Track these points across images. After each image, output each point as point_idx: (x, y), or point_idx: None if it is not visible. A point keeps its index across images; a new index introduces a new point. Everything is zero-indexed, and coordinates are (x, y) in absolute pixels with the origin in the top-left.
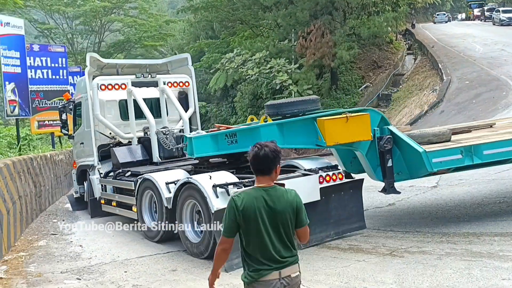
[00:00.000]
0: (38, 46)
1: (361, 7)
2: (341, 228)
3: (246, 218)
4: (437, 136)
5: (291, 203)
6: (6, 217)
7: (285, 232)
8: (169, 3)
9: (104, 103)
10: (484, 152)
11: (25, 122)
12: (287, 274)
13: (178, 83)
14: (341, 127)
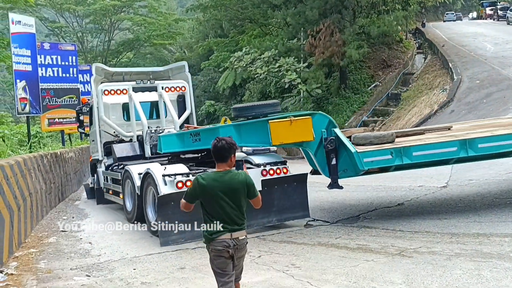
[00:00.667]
0: (48, 45)
1: (371, 6)
2: (283, 215)
3: (207, 193)
4: (378, 138)
5: (243, 182)
6: (16, 214)
7: (238, 205)
8: (178, 2)
9: (108, 106)
10: (413, 153)
11: (35, 119)
12: (236, 236)
13: (175, 88)
14: (285, 129)
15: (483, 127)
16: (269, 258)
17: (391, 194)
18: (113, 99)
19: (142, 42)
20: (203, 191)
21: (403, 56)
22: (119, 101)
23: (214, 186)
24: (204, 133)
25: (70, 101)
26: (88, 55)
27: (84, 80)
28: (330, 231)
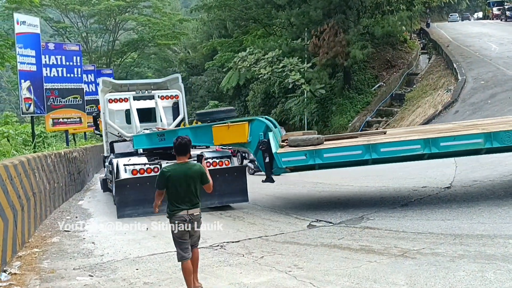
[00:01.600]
0: (53, 45)
1: (375, 6)
2: (224, 199)
3: (170, 180)
4: (304, 141)
5: (197, 171)
6: (20, 214)
7: (193, 188)
8: (182, 2)
9: (114, 111)
10: (324, 155)
11: (40, 119)
12: (191, 213)
13: (169, 96)
14: (224, 133)
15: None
16: (272, 259)
17: (394, 195)
18: (117, 106)
19: (147, 42)
20: (167, 179)
21: (408, 57)
22: (122, 107)
23: (175, 175)
24: (168, 134)
25: (75, 101)
26: (92, 55)
27: (89, 80)
28: (333, 232)
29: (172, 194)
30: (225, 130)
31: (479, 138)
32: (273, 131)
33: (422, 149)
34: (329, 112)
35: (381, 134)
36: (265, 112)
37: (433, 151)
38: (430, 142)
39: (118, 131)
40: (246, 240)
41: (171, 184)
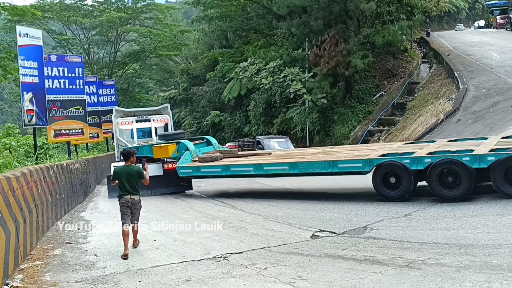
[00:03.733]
0: (55, 57)
1: (376, 16)
2: (175, 188)
3: (119, 176)
4: (210, 157)
5: (136, 171)
6: (22, 226)
7: (133, 181)
8: (183, 13)
9: (122, 131)
10: (201, 170)
11: (42, 131)
12: (132, 198)
13: (161, 120)
14: (157, 150)
15: (289, 155)
16: (276, 270)
17: (398, 204)
18: (125, 127)
19: (148, 53)
20: (118, 174)
21: (408, 66)
22: (128, 128)
23: (122, 172)
24: (140, 148)
25: (77, 112)
26: (94, 67)
27: (91, 92)
28: (336, 242)
29: (120, 184)
30: (158, 148)
31: (286, 165)
32: (190, 151)
33: (288, 170)
34: (330, 121)
35: (266, 155)
36: (266, 121)
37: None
38: (294, 164)
39: (125, 144)
40: (249, 251)
41: (120, 178)
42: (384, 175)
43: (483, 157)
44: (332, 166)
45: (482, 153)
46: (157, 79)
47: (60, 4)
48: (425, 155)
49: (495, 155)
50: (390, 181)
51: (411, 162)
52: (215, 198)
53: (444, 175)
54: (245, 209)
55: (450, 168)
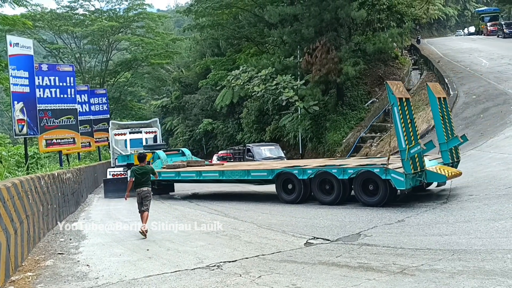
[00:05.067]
0: (46, 66)
1: (366, 23)
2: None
3: (135, 174)
4: (174, 166)
5: (150, 168)
6: (13, 237)
7: (146, 178)
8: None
9: (118, 140)
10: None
11: (33, 140)
12: (144, 189)
13: (151, 132)
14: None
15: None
16: (270, 278)
17: (390, 210)
18: (119, 138)
19: (140, 61)
20: (135, 172)
21: (399, 72)
22: (122, 138)
23: (138, 171)
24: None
25: (68, 121)
26: (86, 76)
27: (82, 101)
28: (330, 249)
29: (136, 180)
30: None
31: (216, 173)
32: (161, 159)
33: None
34: (323, 128)
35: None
36: (259, 129)
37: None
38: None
39: (120, 152)
40: (243, 260)
41: (135, 176)
42: (283, 182)
43: (346, 170)
44: (247, 174)
45: (345, 167)
46: (149, 87)
47: (51, 14)
48: (309, 167)
49: (354, 168)
50: (288, 187)
51: (299, 173)
52: (209, 206)
53: (323, 183)
54: (238, 217)
55: (324, 178)
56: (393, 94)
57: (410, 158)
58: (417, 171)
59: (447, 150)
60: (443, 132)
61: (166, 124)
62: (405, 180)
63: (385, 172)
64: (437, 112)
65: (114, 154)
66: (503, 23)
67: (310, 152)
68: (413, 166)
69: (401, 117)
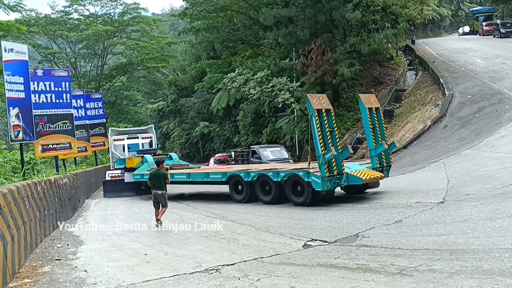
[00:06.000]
0: (41, 71)
1: (361, 25)
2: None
3: (152, 177)
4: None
5: (164, 173)
6: (10, 244)
7: (161, 181)
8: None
9: (116, 145)
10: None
11: (29, 146)
12: (159, 192)
13: (147, 137)
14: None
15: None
16: (268, 281)
17: (388, 211)
18: (118, 143)
19: (135, 65)
20: (152, 176)
21: (395, 73)
22: (121, 143)
23: (154, 174)
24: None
25: (64, 126)
26: (81, 80)
27: (78, 106)
28: (328, 251)
29: (153, 182)
30: (129, 160)
31: (184, 175)
32: (148, 163)
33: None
34: None
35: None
36: (255, 131)
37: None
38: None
39: (119, 156)
40: (242, 263)
41: (153, 178)
42: (235, 184)
43: (279, 173)
44: (207, 176)
45: (279, 170)
46: (145, 91)
47: (46, 19)
48: (252, 171)
49: (285, 172)
50: (238, 188)
51: (245, 175)
52: (206, 210)
53: (264, 185)
54: (236, 220)
55: (264, 180)
56: (312, 105)
57: (325, 162)
58: (333, 174)
59: (375, 155)
60: (372, 139)
61: (163, 127)
62: (322, 182)
63: (307, 175)
64: (367, 122)
65: (113, 158)
66: (499, 23)
67: (307, 154)
68: (328, 170)
69: (317, 127)
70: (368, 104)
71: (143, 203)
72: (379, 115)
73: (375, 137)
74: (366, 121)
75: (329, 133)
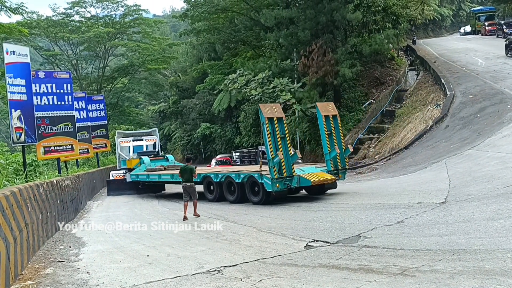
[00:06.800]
0: (43, 73)
1: (362, 25)
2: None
3: (182, 171)
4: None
5: (191, 168)
6: (13, 246)
7: (190, 175)
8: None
9: (123, 147)
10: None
11: (31, 148)
12: (188, 184)
13: (151, 139)
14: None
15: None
16: (270, 282)
17: (390, 211)
18: (124, 145)
19: (137, 67)
20: (183, 170)
21: (396, 73)
22: (127, 145)
23: (184, 169)
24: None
25: (66, 128)
26: (83, 82)
27: (80, 107)
28: (330, 252)
29: (183, 176)
30: (129, 161)
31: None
32: (145, 164)
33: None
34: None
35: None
36: (257, 132)
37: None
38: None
39: (125, 157)
40: (244, 264)
41: (184, 172)
42: (207, 184)
43: (240, 175)
44: None
45: (240, 172)
46: (147, 92)
47: (47, 21)
48: (221, 172)
49: (245, 174)
50: (211, 188)
51: (214, 177)
52: (208, 211)
53: (229, 185)
54: (238, 221)
55: (229, 181)
56: (263, 114)
57: (274, 166)
58: (283, 176)
59: (329, 159)
60: (326, 145)
61: (164, 129)
62: (272, 184)
63: (260, 177)
64: (322, 128)
65: (119, 159)
66: (503, 23)
67: (309, 155)
68: (277, 172)
69: (268, 133)
70: (324, 112)
71: (145, 205)
72: (336, 122)
73: (330, 142)
74: (322, 127)
75: (280, 139)
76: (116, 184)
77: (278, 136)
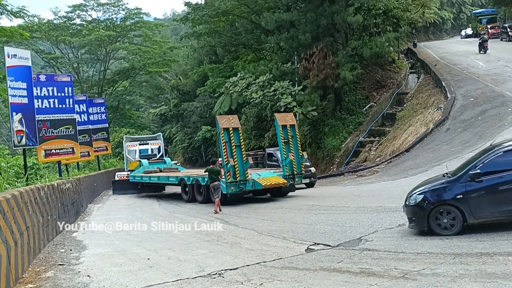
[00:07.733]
0: (44, 76)
1: (363, 28)
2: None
3: (209, 172)
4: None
5: (217, 170)
6: (14, 249)
7: (216, 176)
8: (172, 30)
9: (130, 150)
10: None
11: (32, 151)
12: (213, 184)
13: (156, 143)
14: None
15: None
16: (271, 286)
17: (391, 214)
18: (132, 148)
19: (138, 70)
20: (209, 171)
21: (397, 76)
22: (134, 149)
23: (210, 170)
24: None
25: (67, 131)
26: (84, 85)
27: (81, 110)
28: (331, 255)
29: (210, 178)
30: (131, 164)
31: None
32: (143, 166)
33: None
34: (322, 133)
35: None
36: (258, 135)
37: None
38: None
39: (131, 159)
40: (244, 267)
41: (209, 173)
42: (184, 186)
43: (204, 178)
44: (167, 179)
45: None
46: (148, 96)
47: (49, 24)
48: (192, 176)
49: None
50: (186, 190)
51: (187, 180)
52: (208, 214)
53: (198, 188)
54: (238, 224)
55: (198, 184)
56: (220, 125)
57: (228, 171)
58: (236, 180)
59: (285, 165)
60: (283, 152)
61: (165, 132)
62: (226, 187)
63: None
64: (279, 136)
65: (126, 161)
66: (507, 26)
67: (310, 157)
68: (230, 177)
69: (223, 142)
70: (282, 122)
71: (146, 208)
72: (294, 131)
73: (286, 149)
74: (279, 136)
75: (235, 147)
76: (121, 184)
77: (233, 145)
